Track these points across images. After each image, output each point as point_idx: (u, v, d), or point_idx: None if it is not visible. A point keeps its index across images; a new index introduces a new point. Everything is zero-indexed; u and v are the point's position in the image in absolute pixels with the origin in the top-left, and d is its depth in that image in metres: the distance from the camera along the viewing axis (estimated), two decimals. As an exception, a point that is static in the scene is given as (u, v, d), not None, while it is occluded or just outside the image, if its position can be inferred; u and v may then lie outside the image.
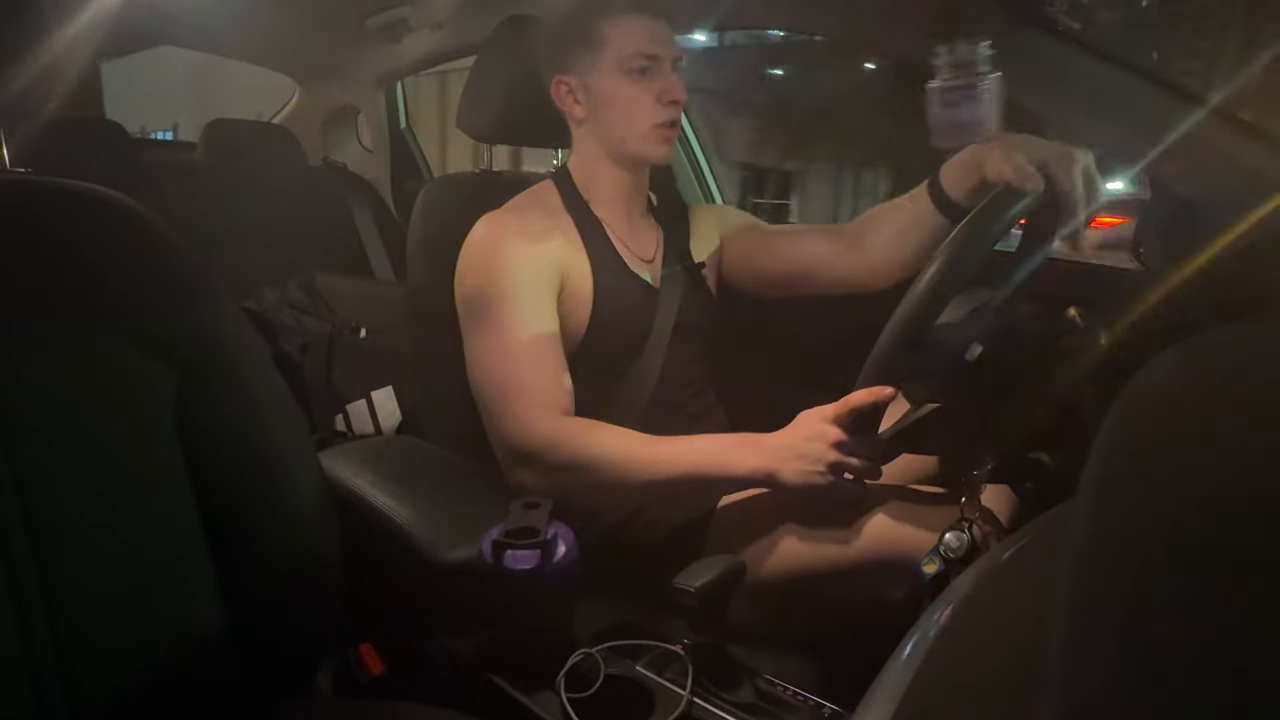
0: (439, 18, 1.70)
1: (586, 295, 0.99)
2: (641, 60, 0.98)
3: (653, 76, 0.99)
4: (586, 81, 1.01)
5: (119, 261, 0.62)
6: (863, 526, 0.86)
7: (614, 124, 1.01)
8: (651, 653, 0.80)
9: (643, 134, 1.00)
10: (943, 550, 0.76)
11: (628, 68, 0.99)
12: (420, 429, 1.42)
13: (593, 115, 1.03)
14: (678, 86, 1.00)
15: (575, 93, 1.03)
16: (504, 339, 0.92)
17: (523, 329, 0.92)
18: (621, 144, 1.02)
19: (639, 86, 0.99)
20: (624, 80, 0.99)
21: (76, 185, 0.62)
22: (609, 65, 0.99)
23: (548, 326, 0.94)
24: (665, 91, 0.99)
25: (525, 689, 0.77)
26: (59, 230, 0.61)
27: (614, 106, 1.01)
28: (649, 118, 1.00)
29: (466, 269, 0.98)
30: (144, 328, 0.62)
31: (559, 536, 0.74)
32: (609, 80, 1.00)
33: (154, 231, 0.64)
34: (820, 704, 0.76)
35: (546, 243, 0.98)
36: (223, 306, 0.68)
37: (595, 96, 1.01)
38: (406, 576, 0.85)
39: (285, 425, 0.71)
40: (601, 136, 1.03)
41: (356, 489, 0.90)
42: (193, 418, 0.63)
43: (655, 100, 0.99)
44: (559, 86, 1.03)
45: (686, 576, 0.72)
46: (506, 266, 0.95)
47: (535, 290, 0.95)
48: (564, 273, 0.98)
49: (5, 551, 0.55)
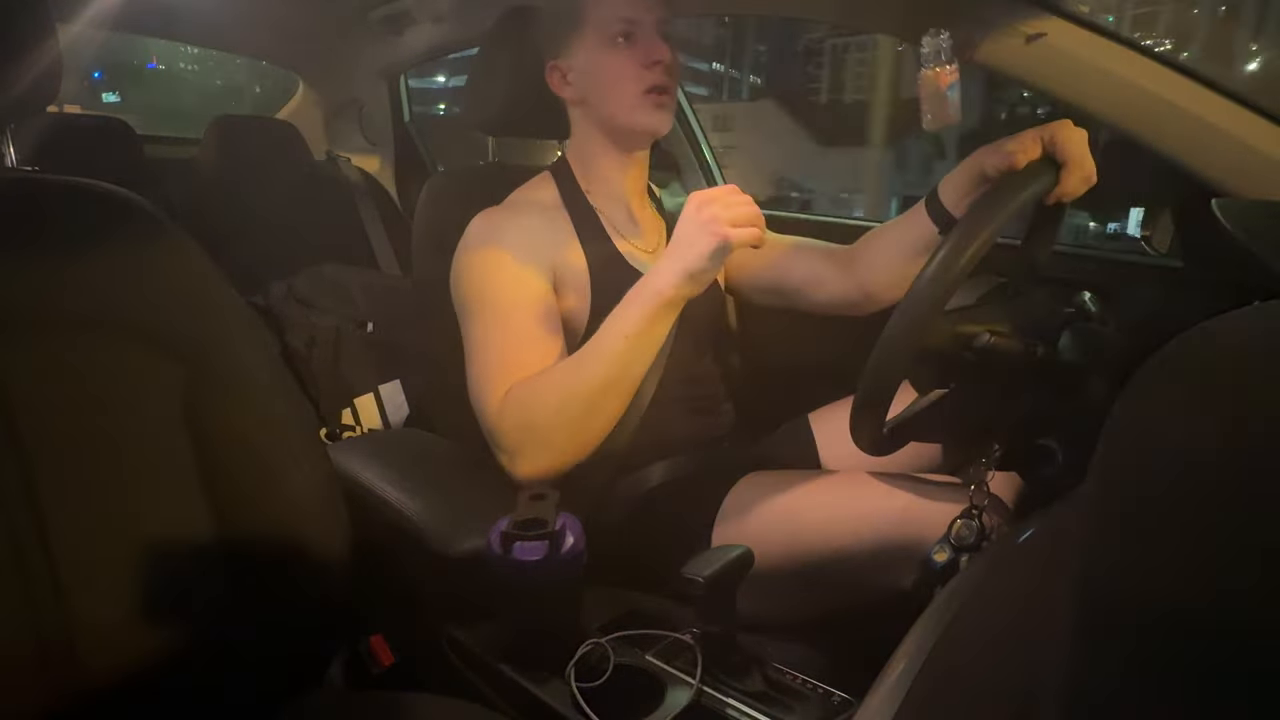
0: (441, 10, 1.70)
1: (584, 289, 0.99)
2: (620, 24, 0.97)
3: (635, 42, 0.98)
4: (573, 62, 1.01)
5: (125, 258, 0.63)
6: (872, 515, 0.85)
7: (602, 98, 1.00)
8: (661, 642, 0.80)
9: (632, 103, 0.98)
10: (952, 538, 0.75)
11: (607, 35, 0.97)
12: (427, 422, 1.43)
13: (583, 95, 1.02)
14: (660, 47, 0.97)
15: (566, 75, 1.02)
16: (494, 335, 0.93)
17: (513, 325, 0.93)
18: (613, 118, 1.01)
19: (621, 54, 0.98)
20: (606, 50, 0.98)
21: (82, 183, 0.62)
22: (590, 39, 0.99)
23: (542, 321, 0.94)
24: (647, 53, 0.97)
25: (535, 679, 0.77)
26: (65, 227, 0.61)
27: (599, 79, 0.99)
28: (635, 84, 0.98)
29: (463, 269, 0.98)
30: (151, 324, 0.62)
31: (567, 527, 0.75)
32: (592, 54, 0.99)
33: (160, 228, 0.64)
34: (830, 692, 0.76)
35: (539, 239, 0.98)
36: (229, 302, 0.68)
37: (582, 74, 1.01)
38: (415, 568, 0.85)
39: (293, 419, 0.71)
40: (595, 115, 1.02)
41: (365, 482, 0.90)
42: (200, 413, 0.63)
43: (639, 66, 0.97)
44: (553, 73, 1.03)
45: (695, 566, 0.73)
46: (501, 264, 0.95)
47: (528, 286, 0.95)
48: (559, 268, 0.98)
49: (15, 549, 0.55)
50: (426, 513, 0.85)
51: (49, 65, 0.63)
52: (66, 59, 0.65)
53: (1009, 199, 0.76)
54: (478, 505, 0.85)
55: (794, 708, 0.74)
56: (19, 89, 0.61)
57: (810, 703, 0.75)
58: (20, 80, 0.61)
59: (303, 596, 0.71)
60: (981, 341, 0.75)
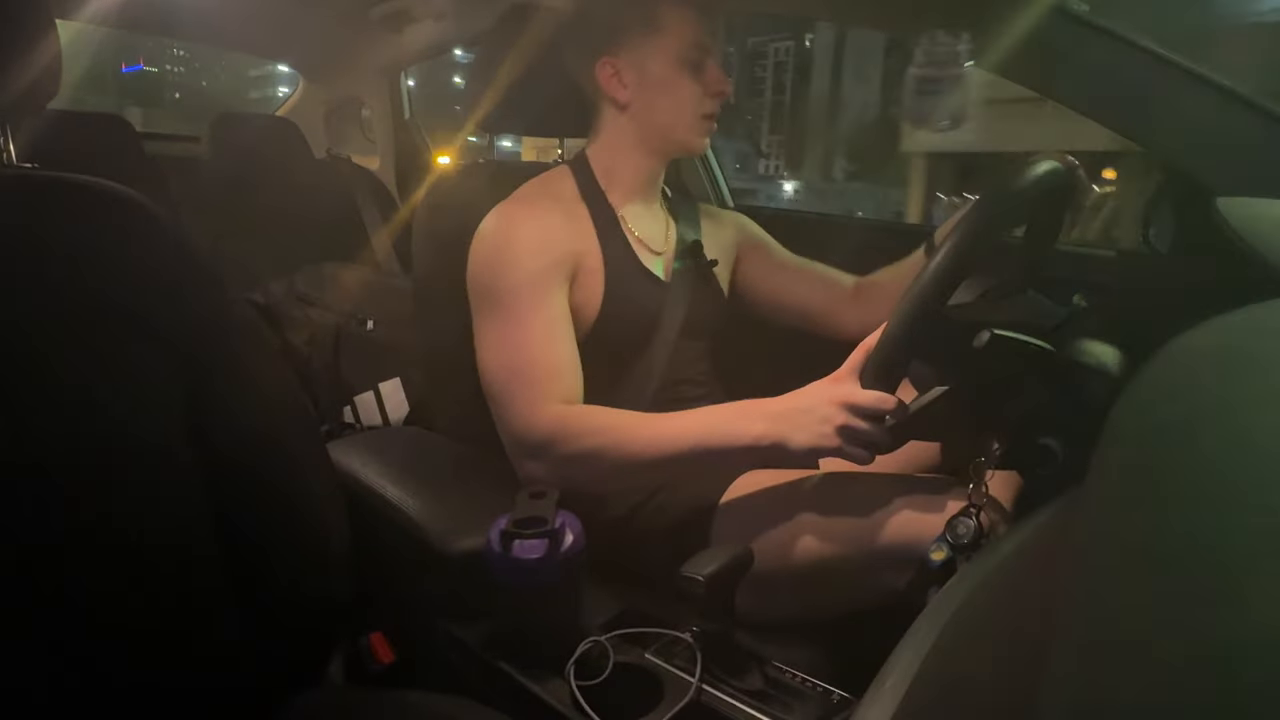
0: (442, 8, 1.70)
1: (598, 286, 0.99)
2: (696, 50, 1.00)
3: (704, 69, 1.01)
4: (640, 64, 1.01)
5: (125, 256, 0.63)
6: (870, 513, 0.85)
7: (663, 110, 1.02)
8: (660, 640, 0.80)
9: (690, 123, 1.02)
10: (950, 537, 0.75)
11: (685, 57, 1.00)
12: (427, 420, 1.43)
13: (640, 99, 1.02)
14: (725, 79, 1.02)
15: (622, 74, 1.02)
16: (514, 331, 0.92)
17: (533, 322, 0.92)
18: (668, 131, 1.03)
19: (692, 76, 1.01)
20: (680, 68, 1.00)
21: (82, 180, 0.62)
22: (667, 52, 1.00)
23: (559, 318, 0.94)
24: (714, 82, 1.01)
25: (535, 677, 0.77)
26: (65, 226, 0.61)
27: (667, 93, 1.01)
28: (698, 108, 1.02)
29: (478, 262, 0.98)
30: (150, 322, 0.62)
31: (566, 525, 0.75)
32: (665, 67, 1.00)
33: (160, 226, 0.64)
34: (829, 690, 0.76)
35: (558, 233, 0.98)
36: (229, 300, 0.68)
37: (648, 81, 1.01)
38: (415, 566, 0.85)
39: (293, 417, 0.71)
40: (645, 121, 1.03)
41: (365, 480, 0.90)
42: (200, 411, 0.63)
43: (704, 91, 1.01)
44: (605, 68, 1.02)
45: (695, 565, 0.73)
46: (519, 259, 0.94)
47: (546, 282, 0.95)
48: (575, 263, 0.98)
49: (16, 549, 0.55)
50: (426, 511, 0.86)
51: (48, 63, 0.63)
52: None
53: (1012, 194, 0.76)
54: (477, 503, 0.85)
55: (793, 706, 0.74)
56: (18, 87, 0.61)
57: (809, 701, 0.75)
58: (20, 78, 0.61)
59: (302, 595, 0.71)
60: (981, 340, 0.75)
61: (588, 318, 0.99)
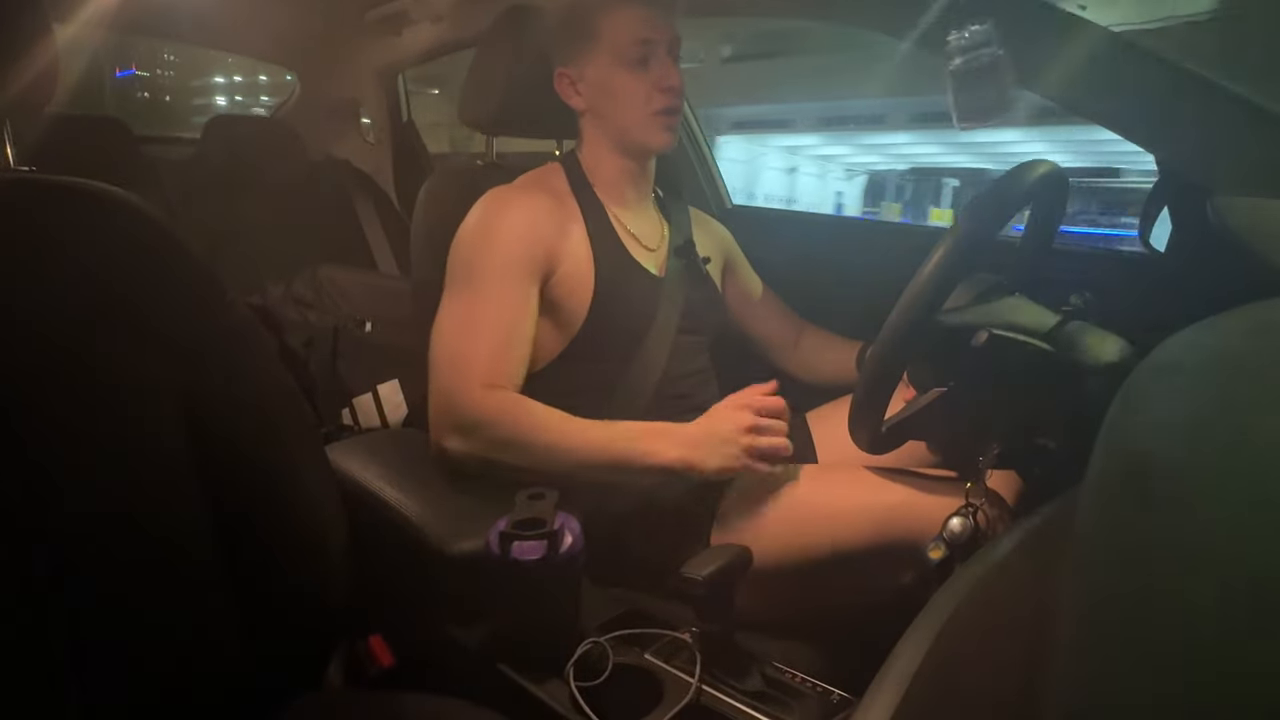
0: (439, 10, 1.70)
1: (587, 279, 1.00)
2: (637, 49, 1.00)
3: (649, 65, 1.00)
4: (585, 73, 1.03)
5: (122, 259, 0.62)
6: (868, 513, 0.86)
7: (613, 114, 1.03)
8: (659, 641, 0.80)
9: (642, 122, 1.02)
10: (948, 536, 0.75)
11: (624, 58, 1.00)
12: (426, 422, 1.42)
13: (592, 106, 1.04)
14: (673, 73, 1.01)
15: (575, 84, 1.04)
16: (477, 308, 0.94)
17: (498, 303, 0.94)
18: (624, 133, 1.04)
19: (635, 76, 1.00)
20: (620, 70, 1.00)
21: (80, 183, 0.62)
22: (604, 57, 1.01)
23: (522, 306, 0.95)
24: (661, 79, 1.00)
25: (534, 678, 0.77)
26: (63, 229, 0.61)
27: (611, 97, 1.02)
28: (646, 106, 1.01)
29: (462, 239, 1.00)
30: (148, 325, 0.62)
31: (565, 527, 0.75)
32: (605, 71, 1.01)
33: (157, 228, 0.64)
34: (828, 690, 0.76)
35: (545, 225, 0.99)
36: (227, 302, 0.68)
37: (593, 88, 1.03)
38: (414, 568, 0.85)
39: (291, 420, 0.71)
40: (604, 126, 1.05)
41: (364, 482, 0.90)
42: (199, 414, 0.63)
43: (652, 88, 1.00)
44: (561, 79, 1.05)
45: (694, 566, 0.73)
46: (500, 242, 0.96)
47: (520, 271, 0.96)
48: (559, 256, 0.99)
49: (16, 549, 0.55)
50: (425, 512, 0.85)
51: (46, 65, 0.62)
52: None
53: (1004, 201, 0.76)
54: (476, 505, 0.85)
55: (792, 706, 0.74)
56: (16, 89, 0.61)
57: (809, 701, 0.75)
58: (17, 80, 0.61)
59: (301, 596, 0.70)
60: (980, 340, 0.75)
61: (579, 310, 0.99)
